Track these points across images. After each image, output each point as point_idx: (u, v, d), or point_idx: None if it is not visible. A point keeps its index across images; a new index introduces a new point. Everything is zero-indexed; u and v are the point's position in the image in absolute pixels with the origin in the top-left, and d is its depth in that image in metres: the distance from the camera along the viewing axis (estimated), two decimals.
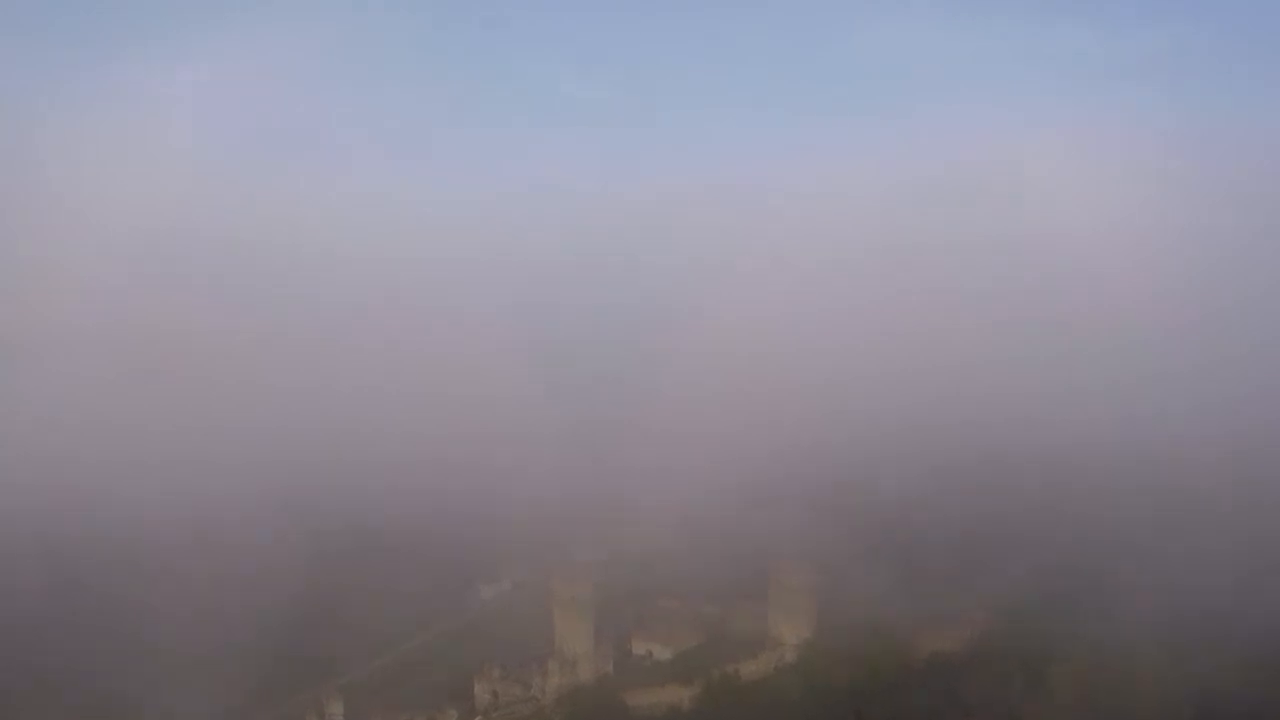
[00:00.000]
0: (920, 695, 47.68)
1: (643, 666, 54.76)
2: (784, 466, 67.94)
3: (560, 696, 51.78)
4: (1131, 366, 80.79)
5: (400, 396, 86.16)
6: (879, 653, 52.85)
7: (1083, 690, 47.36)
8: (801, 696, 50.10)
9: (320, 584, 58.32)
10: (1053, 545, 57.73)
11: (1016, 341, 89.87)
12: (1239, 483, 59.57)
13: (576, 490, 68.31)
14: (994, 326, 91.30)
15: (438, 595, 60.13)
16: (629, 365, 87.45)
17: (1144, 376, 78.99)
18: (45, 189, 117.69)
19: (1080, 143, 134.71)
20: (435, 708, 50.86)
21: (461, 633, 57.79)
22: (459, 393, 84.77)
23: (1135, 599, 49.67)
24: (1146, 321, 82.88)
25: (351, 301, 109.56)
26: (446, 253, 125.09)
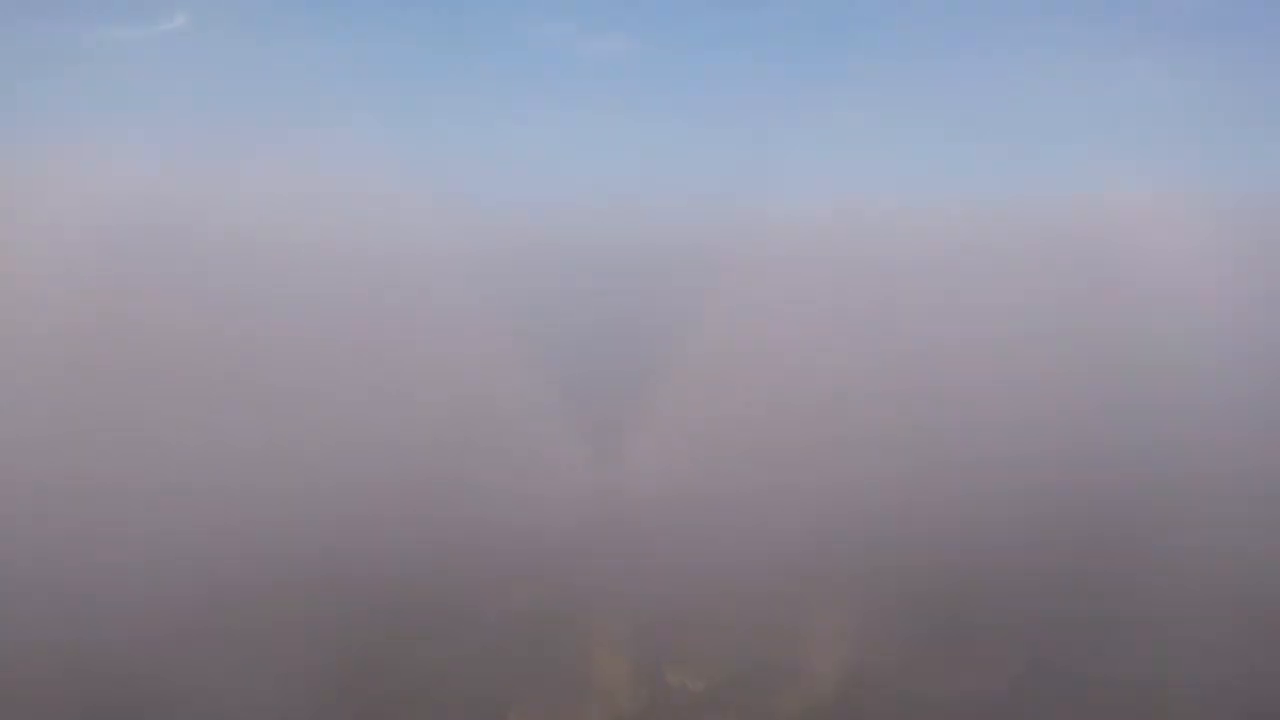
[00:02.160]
0: None
1: (678, 699, 53.20)
2: (820, 490, 66.63)
3: None
4: (1217, 388, 78.14)
5: (400, 403, 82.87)
6: (919, 688, 52.12)
7: None
8: None
9: (328, 619, 54.45)
10: (1105, 579, 56.77)
11: (1083, 363, 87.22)
12: None
13: (599, 514, 66.67)
14: (1059, 343, 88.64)
15: (456, 627, 56.36)
16: (653, 376, 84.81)
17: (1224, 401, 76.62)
18: None
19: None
20: None
21: (487, 666, 55.42)
22: (463, 403, 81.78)
23: (1189, 636, 49.37)
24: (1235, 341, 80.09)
25: (337, 294, 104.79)
26: (444, 237, 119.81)
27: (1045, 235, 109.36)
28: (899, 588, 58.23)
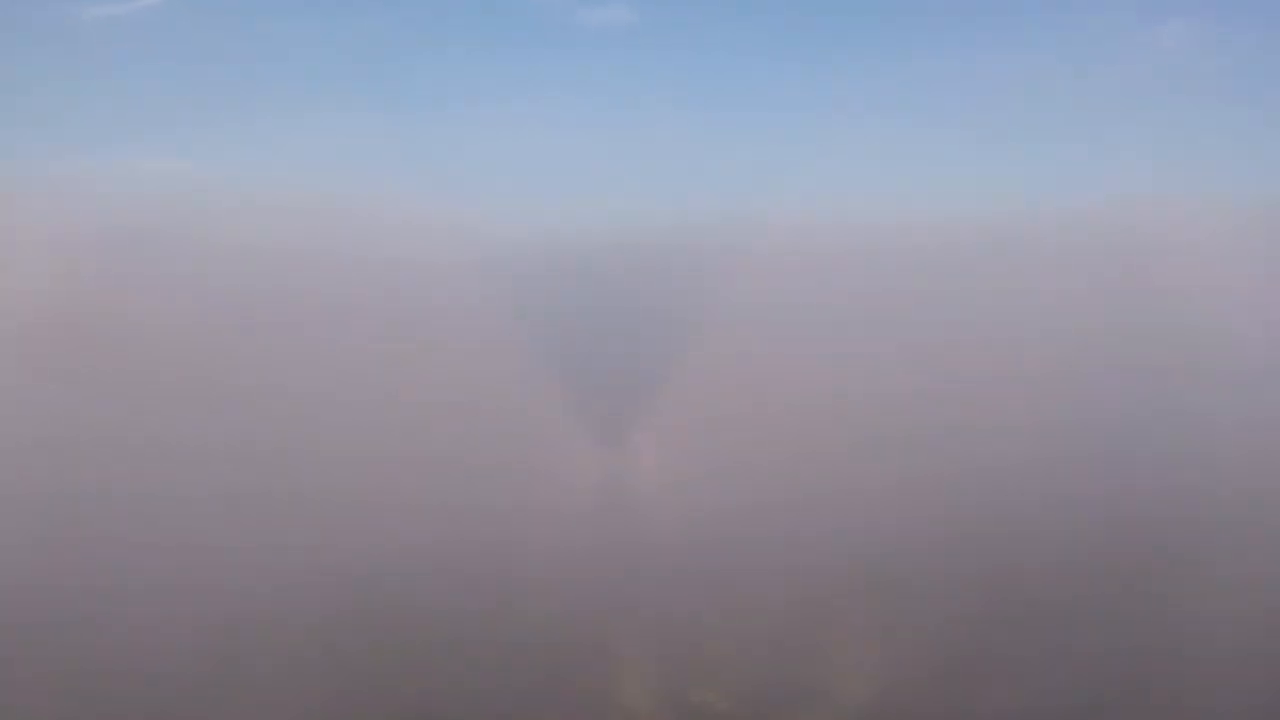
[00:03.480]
0: None
1: (702, 717, 51.05)
2: (841, 498, 64.07)
3: None
4: None
5: (403, 413, 79.07)
6: (949, 707, 50.10)
7: None
8: None
9: (331, 637, 50.87)
10: (1142, 594, 53.96)
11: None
12: None
13: (612, 528, 63.71)
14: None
15: (468, 646, 51.91)
16: (663, 383, 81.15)
17: None
18: None
19: None
20: None
21: (502, 687, 52.64)
22: (467, 413, 78.09)
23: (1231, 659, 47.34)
24: None
25: (328, 294, 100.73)
26: (437, 232, 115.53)
27: (1065, 233, 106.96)
28: (925, 601, 56.03)
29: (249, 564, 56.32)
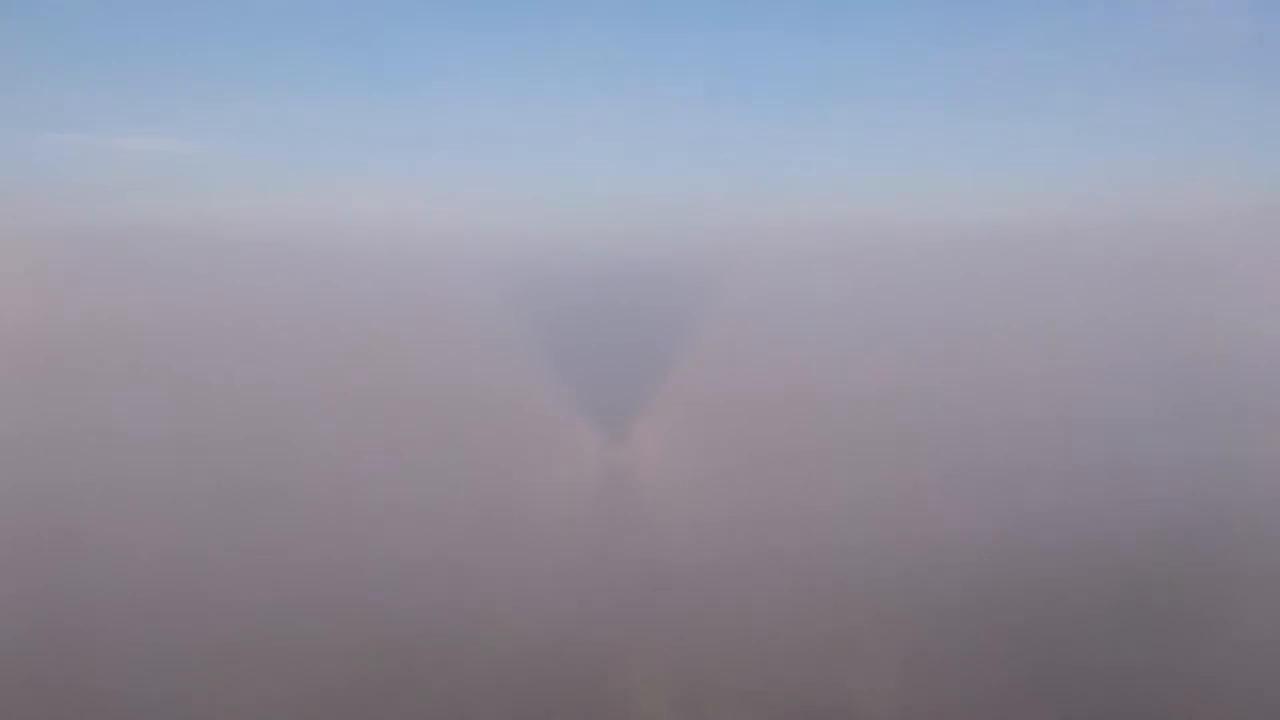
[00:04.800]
0: None
1: None
2: (854, 506, 62.31)
3: None
4: None
5: (405, 416, 76.16)
6: None
7: None
8: None
9: (335, 651, 49.19)
10: (1170, 608, 52.00)
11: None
12: None
13: (622, 539, 61.86)
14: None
15: (478, 660, 50.09)
16: (671, 389, 78.19)
17: None
18: None
19: None
20: None
21: (517, 702, 50.63)
22: (469, 417, 75.18)
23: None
24: None
25: (317, 285, 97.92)
26: (431, 215, 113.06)
27: (1076, 229, 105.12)
28: (942, 614, 54.19)
29: (235, 575, 54.16)
